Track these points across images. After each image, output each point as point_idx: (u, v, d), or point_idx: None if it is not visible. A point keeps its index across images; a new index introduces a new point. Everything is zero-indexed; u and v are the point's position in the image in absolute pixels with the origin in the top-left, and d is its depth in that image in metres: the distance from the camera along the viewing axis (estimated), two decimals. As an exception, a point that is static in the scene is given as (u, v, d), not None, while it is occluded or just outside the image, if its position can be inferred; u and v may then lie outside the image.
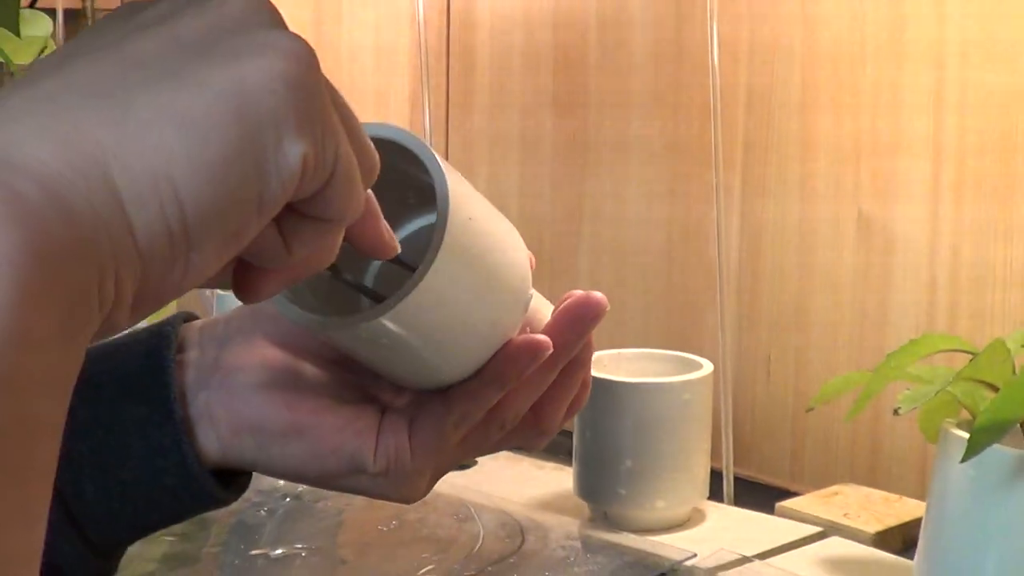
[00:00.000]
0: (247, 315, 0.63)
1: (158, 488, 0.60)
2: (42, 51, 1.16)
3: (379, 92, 1.67)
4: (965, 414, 0.81)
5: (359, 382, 0.62)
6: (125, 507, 0.60)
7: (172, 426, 0.59)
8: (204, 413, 0.60)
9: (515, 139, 1.48)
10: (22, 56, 1.16)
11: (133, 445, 0.59)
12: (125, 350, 0.61)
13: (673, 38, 1.30)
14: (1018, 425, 0.78)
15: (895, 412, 0.76)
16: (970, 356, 0.76)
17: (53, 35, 1.23)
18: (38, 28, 1.16)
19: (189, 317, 0.65)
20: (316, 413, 0.60)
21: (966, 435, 0.73)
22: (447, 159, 1.61)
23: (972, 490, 0.77)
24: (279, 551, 0.99)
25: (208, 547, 1.04)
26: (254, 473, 0.64)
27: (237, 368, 0.61)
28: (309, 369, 0.62)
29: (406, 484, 0.61)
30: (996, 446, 0.74)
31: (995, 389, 0.75)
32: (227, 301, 1.33)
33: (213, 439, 0.60)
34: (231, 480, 0.63)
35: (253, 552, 0.99)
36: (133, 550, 1.01)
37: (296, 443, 0.60)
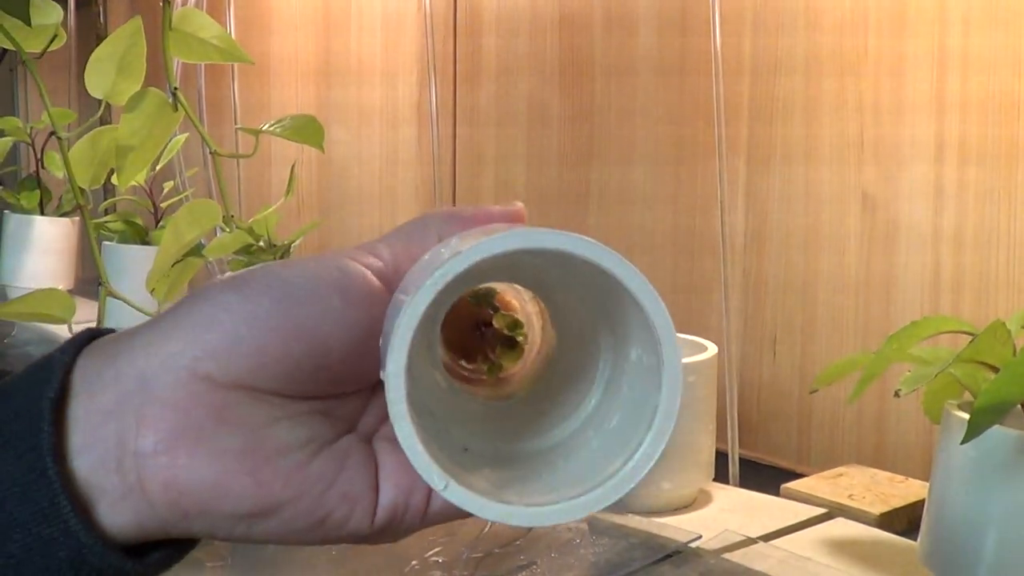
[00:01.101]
0: (170, 326, 0.47)
1: (55, 563, 0.46)
2: (52, 39, 1.17)
3: (387, 63, 1.67)
4: (968, 396, 0.82)
5: (326, 408, 0.49)
6: None
7: (47, 487, 0.45)
8: (119, 479, 0.46)
9: (522, 109, 1.48)
10: (33, 44, 1.16)
11: (14, 511, 0.45)
12: (8, 389, 0.48)
13: (678, 7, 1.30)
14: (1019, 406, 0.79)
15: (896, 394, 0.76)
16: (971, 337, 0.76)
17: (64, 23, 1.24)
18: (48, 16, 1.17)
19: (97, 334, 0.50)
20: (290, 480, 0.47)
21: (967, 416, 0.73)
22: (454, 126, 1.63)
23: (974, 471, 0.77)
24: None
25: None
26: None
27: (169, 418, 0.46)
28: (268, 409, 0.47)
29: (407, 532, 0.50)
30: (997, 427, 0.75)
31: (996, 370, 0.75)
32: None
33: (138, 512, 0.46)
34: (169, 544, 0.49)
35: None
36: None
37: (266, 523, 0.47)
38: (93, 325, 0.77)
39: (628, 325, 0.48)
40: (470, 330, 0.57)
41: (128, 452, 0.46)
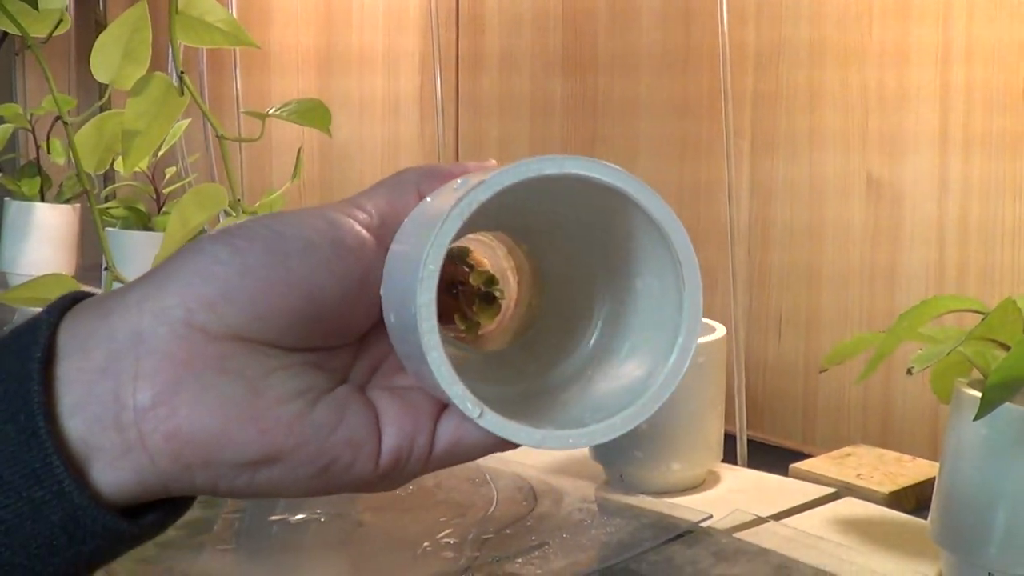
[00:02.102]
0: (164, 281, 0.47)
1: (46, 527, 0.45)
2: (58, 24, 1.17)
3: (389, 55, 1.67)
4: (976, 373, 0.82)
5: (318, 360, 0.49)
6: (16, 556, 0.45)
7: (39, 447, 0.44)
8: (118, 436, 0.45)
9: (525, 100, 1.48)
10: (39, 29, 1.16)
11: (4, 474, 0.44)
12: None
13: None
14: (1030, 383, 0.79)
15: (908, 372, 0.77)
16: (981, 316, 0.76)
17: (67, 8, 1.24)
18: (53, 1, 1.17)
19: (81, 296, 0.49)
20: (292, 428, 0.47)
21: (978, 394, 0.74)
22: (457, 120, 1.63)
23: (985, 448, 0.77)
24: (298, 516, 1.00)
25: (227, 513, 1.05)
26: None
27: (167, 370, 0.45)
28: (264, 360, 0.47)
29: (410, 477, 0.50)
30: (1008, 404, 0.75)
31: (1006, 348, 0.76)
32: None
33: (139, 468, 0.46)
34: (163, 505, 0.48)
35: (272, 517, 1.00)
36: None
37: (269, 470, 0.47)
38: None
39: (632, 255, 0.49)
40: (444, 290, 0.57)
41: (126, 408, 0.45)
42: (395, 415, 0.49)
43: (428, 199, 0.50)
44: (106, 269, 1.13)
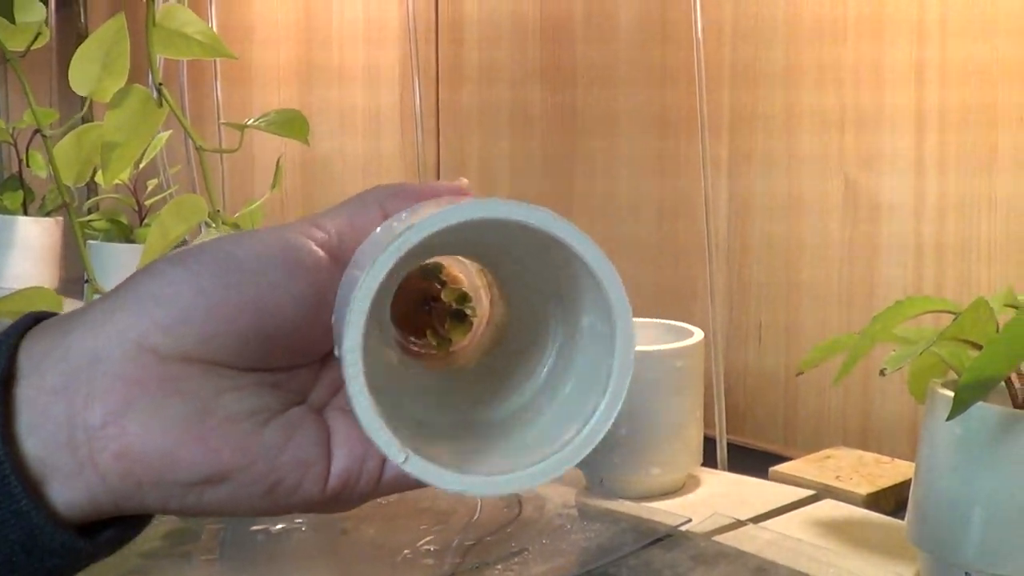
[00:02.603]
0: (118, 303, 0.48)
1: (5, 545, 0.45)
2: (36, 38, 1.17)
3: (369, 67, 1.67)
4: (952, 374, 0.83)
5: (276, 381, 0.50)
6: None
7: None
8: (71, 455, 0.46)
9: (504, 112, 1.49)
10: (16, 43, 1.17)
11: None
12: None
13: (658, 13, 1.31)
14: (1003, 383, 0.79)
15: (881, 373, 0.77)
16: (955, 317, 0.77)
17: (46, 21, 1.24)
18: (32, 14, 1.17)
19: (41, 317, 0.50)
20: (242, 447, 0.47)
21: (952, 394, 0.74)
22: (437, 133, 1.63)
23: (959, 448, 0.78)
24: (279, 526, 1.00)
25: (209, 523, 1.05)
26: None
27: (118, 390, 0.46)
28: (216, 380, 0.47)
29: (360, 500, 0.51)
30: (982, 404, 0.75)
31: (979, 348, 0.76)
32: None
33: (90, 487, 0.46)
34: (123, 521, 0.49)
35: (253, 528, 1.00)
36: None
37: (217, 489, 0.47)
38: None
39: (579, 293, 0.49)
40: (418, 305, 0.58)
41: (78, 427, 0.46)
42: (346, 437, 0.49)
43: (390, 222, 0.50)
44: (87, 282, 1.14)
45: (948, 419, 0.74)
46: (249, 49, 1.84)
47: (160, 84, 1.14)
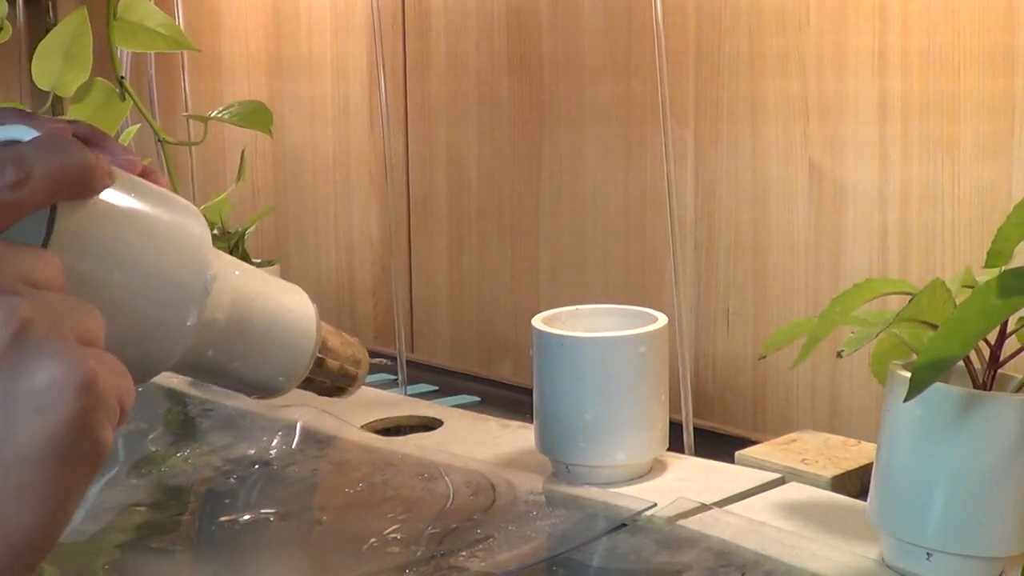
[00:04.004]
0: None
1: None
2: (-1, 32, 1.17)
3: (337, 58, 1.67)
4: (915, 356, 0.83)
5: None
6: None
7: None
8: None
9: (472, 102, 1.49)
10: (-23, 40, 1.16)
11: None
12: None
13: (623, 3, 1.31)
14: (963, 364, 0.80)
15: (839, 355, 0.78)
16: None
17: (12, 18, 1.24)
18: (-5, 11, 1.17)
19: None
20: None
21: (910, 375, 0.74)
22: (406, 125, 1.63)
23: (919, 429, 0.78)
24: (249, 516, 1.00)
25: (183, 515, 1.06)
26: (227, 443, 0.54)
27: None
28: None
29: None
30: (940, 384, 0.76)
31: (937, 329, 0.76)
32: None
33: None
34: None
35: (224, 518, 1.01)
36: (108, 521, 1.03)
37: None
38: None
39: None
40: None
41: None
42: None
43: None
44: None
45: (906, 400, 0.74)
46: (218, 41, 1.84)
47: (122, 77, 1.13)
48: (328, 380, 0.75)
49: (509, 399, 1.37)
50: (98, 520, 1.05)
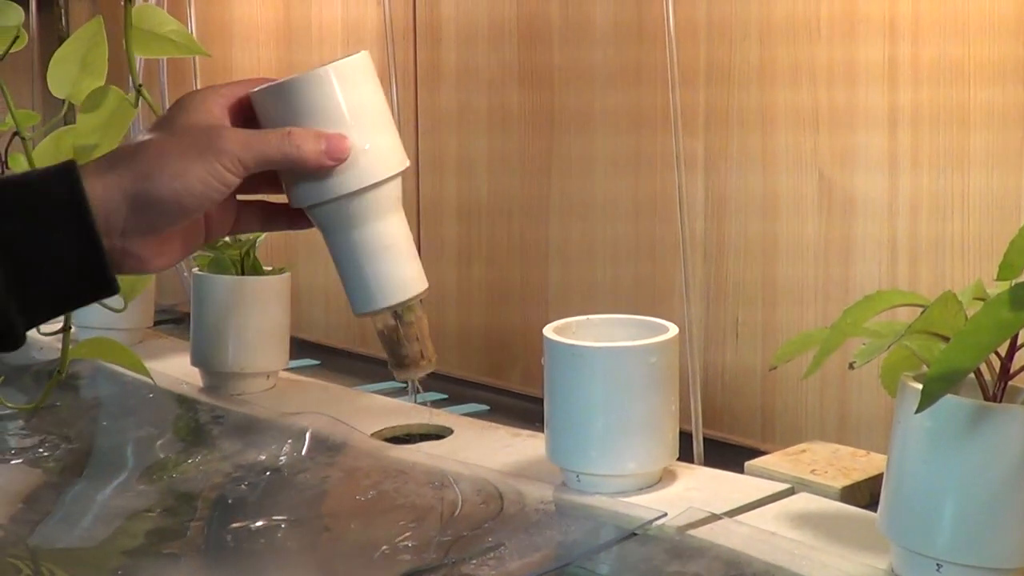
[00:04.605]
0: None
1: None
2: (14, 41, 1.18)
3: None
4: (925, 368, 0.83)
5: None
6: None
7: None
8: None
9: (483, 113, 1.49)
10: (-6, 47, 1.17)
11: None
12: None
13: (633, 13, 1.31)
14: (973, 376, 0.80)
15: (850, 366, 0.78)
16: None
17: (26, 26, 1.24)
18: (10, 18, 1.17)
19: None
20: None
21: (921, 387, 0.75)
22: (416, 134, 1.63)
23: (930, 440, 0.79)
24: (260, 523, 1.01)
25: (193, 521, 1.06)
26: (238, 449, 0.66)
27: None
28: None
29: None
30: (951, 396, 0.76)
31: (948, 341, 0.77)
32: (203, 282, 1.35)
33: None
34: None
35: (235, 525, 1.01)
36: (118, 526, 1.03)
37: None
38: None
39: None
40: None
41: None
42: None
43: None
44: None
45: (917, 412, 0.74)
46: (229, 53, 1.85)
47: (140, 86, 1.14)
48: (404, 344, 0.95)
49: (518, 408, 1.37)
50: (109, 525, 1.05)
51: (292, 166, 0.89)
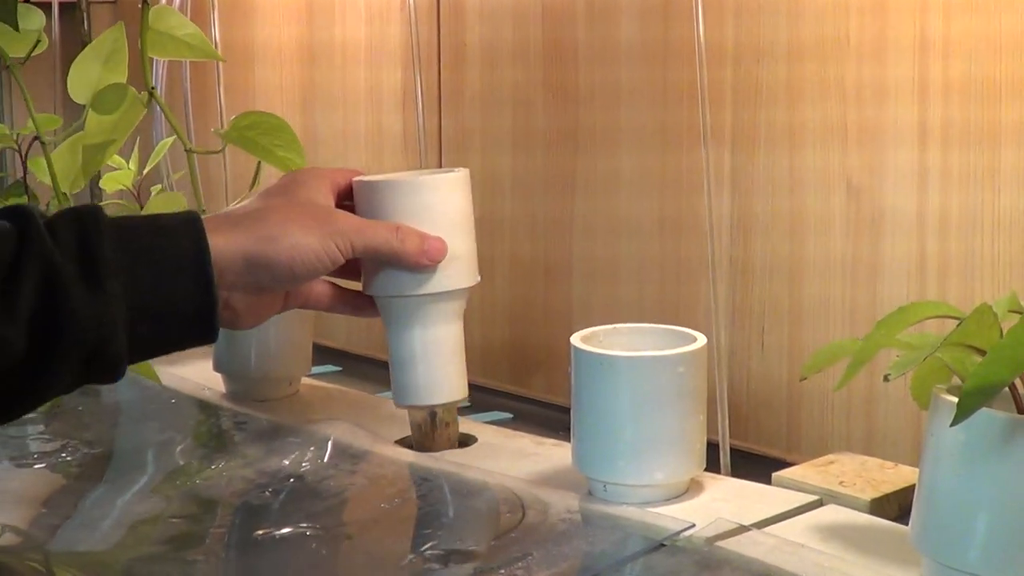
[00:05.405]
0: None
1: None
2: (36, 45, 1.18)
3: (371, 87, 1.67)
4: (956, 380, 0.83)
5: None
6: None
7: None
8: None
9: (507, 131, 1.49)
10: (17, 49, 1.17)
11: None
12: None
13: (660, 30, 1.31)
14: (1007, 388, 0.80)
15: (885, 379, 0.77)
16: (958, 322, 0.77)
17: (48, 29, 1.25)
18: (31, 22, 1.18)
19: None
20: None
21: (956, 399, 0.74)
22: (440, 152, 1.63)
23: (963, 454, 0.78)
24: (285, 530, 1.00)
25: (215, 528, 1.06)
26: (260, 456, 0.71)
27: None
28: None
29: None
30: (986, 410, 0.75)
31: (983, 353, 0.76)
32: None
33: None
34: None
35: (259, 532, 1.01)
36: (141, 532, 1.03)
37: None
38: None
39: None
40: None
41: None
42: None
43: None
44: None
45: (952, 425, 0.74)
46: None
47: (153, 88, 1.15)
48: (431, 439, 1.12)
49: (542, 416, 1.37)
50: (131, 530, 1.05)
51: (392, 259, 1.01)
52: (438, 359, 1.07)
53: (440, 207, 1.03)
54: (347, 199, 1.05)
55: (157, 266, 0.86)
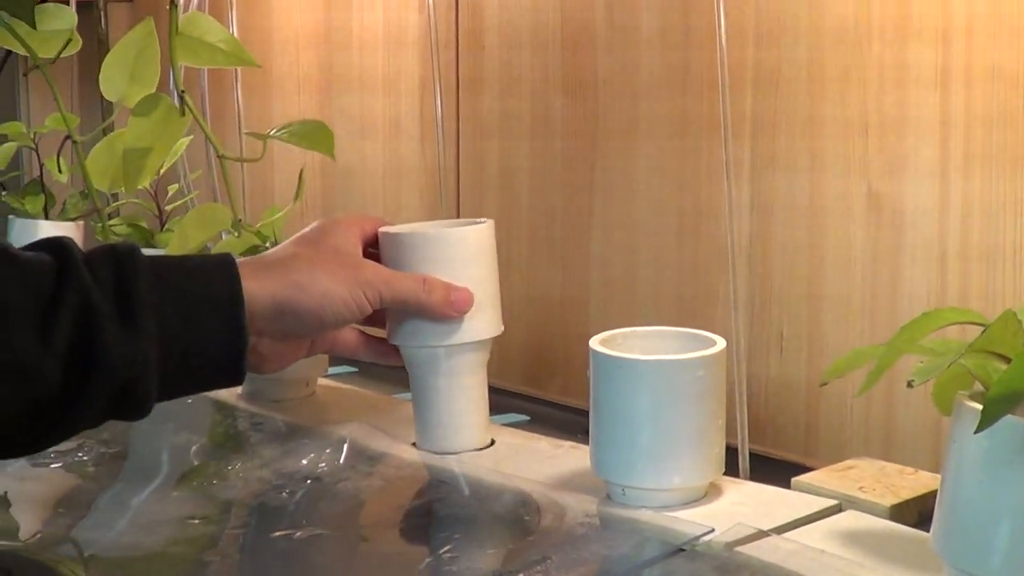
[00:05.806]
0: None
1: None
2: (67, 44, 1.18)
3: (389, 76, 1.68)
4: (978, 386, 0.82)
5: None
6: None
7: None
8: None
9: (525, 120, 1.49)
10: (47, 50, 1.17)
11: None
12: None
13: (680, 17, 1.30)
14: (1030, 395, 0.79)
15: (909, 385, 0.77)
16: (982, 328, 0.76)
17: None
18: (63, 21, 1.18)
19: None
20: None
21: (980, 406, 0.74)
22: (457, 141, 1.64)
23: (987, 461, 0.78)
24: (301, 532, 1.00)
25: (231, 529, 1.06)
26: (277, 456, 0.72)
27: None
28: None
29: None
30: (1010, 417, 0.75)
31: (1007, 360, 0.76)
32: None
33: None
34: None
35: (275, 534, 1.00)
36: (159, 533, 1.03)
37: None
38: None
39: None
40: None
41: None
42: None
43: None
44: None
45: (976, 431, 0.73)
46: (270, 57, 1.85)
47: (183, 92, 1.14)
48: None
49: (558, 418, 1.37)
50: (147, 531, 1.05)
51: (419, 310, 1.03)
52: (461, 408, 1.09)
53: (466, 259, 1.05)
54: (373, 246, 1.07)
55: (190, 308, 0.88)
